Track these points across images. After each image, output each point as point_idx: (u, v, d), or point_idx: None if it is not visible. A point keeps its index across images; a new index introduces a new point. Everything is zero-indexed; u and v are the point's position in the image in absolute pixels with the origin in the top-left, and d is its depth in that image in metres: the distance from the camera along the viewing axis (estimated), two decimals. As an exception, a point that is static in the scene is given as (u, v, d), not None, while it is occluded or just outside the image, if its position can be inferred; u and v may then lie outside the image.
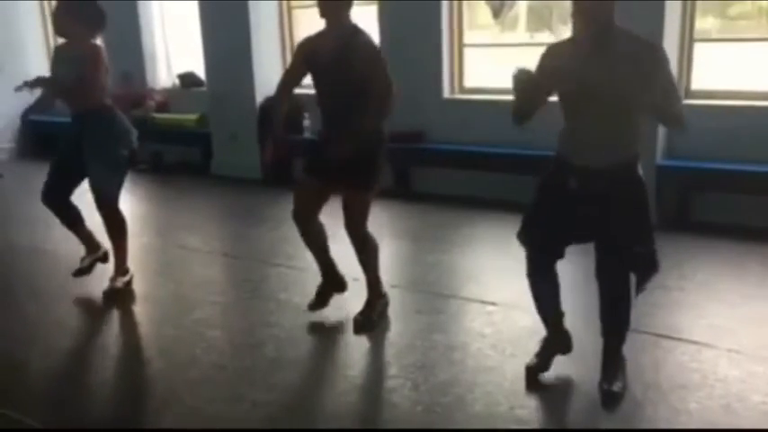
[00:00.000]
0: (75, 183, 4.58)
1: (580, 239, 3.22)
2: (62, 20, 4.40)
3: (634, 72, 2.90)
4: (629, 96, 2.95)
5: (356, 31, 3.85)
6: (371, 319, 4.10)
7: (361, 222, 3.98)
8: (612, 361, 3.30)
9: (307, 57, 3.96)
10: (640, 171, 3.12)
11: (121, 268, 4.70)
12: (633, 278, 3.18)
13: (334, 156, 3.78)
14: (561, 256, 3.29)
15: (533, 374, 3.43)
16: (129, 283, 4.71)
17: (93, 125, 4.42)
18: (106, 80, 4.44)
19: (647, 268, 3.15)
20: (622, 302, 3.20)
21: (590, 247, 3.20)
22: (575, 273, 3.56)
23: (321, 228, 4.11)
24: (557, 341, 3.50)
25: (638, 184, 3.10)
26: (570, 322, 3.53)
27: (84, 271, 4.78)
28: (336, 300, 4.42)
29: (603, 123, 3.00)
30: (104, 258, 4.87)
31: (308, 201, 4.02)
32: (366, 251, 4.05)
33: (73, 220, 4.71)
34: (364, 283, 4.15)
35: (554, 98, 3.22)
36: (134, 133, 4.57)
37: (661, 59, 2.98)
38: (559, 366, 3.53)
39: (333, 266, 4.24)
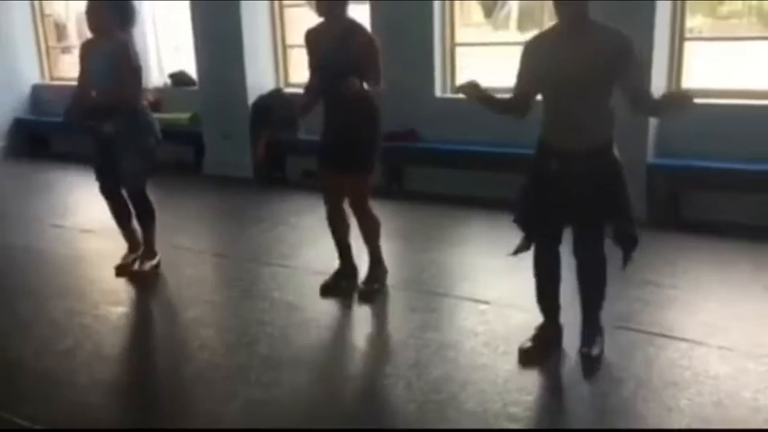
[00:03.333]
0: (118, 173, 4.75)
1: (568, 219, 3.41)
2: (95, 15, 4.49)
3: (605, 59, 3.18)
4: (601, 81, 3.23)
5: (356, 27, 4.10)
6: (374, 289, 4.41)
7: (363, 201, 4.29)
8: (591, 328, 3.55)
9: (311, 46, 4.21)
10: (616, 152, 3.33)
11: (150, 253, 4.88)
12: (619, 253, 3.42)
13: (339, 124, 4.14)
14: (558, 238, 3.48)
15: (526, 357, 3.56)
16: (157, 266, 4.91)
17: (123, 120, 4.54)
18: (139, 75, 4.60)
19: (629, 242, 3.38)
20: (599, 275, 3.47)
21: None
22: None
23: (345, 217, 4.42)
24: (550, 331, 3.65)
25: (614, 164, 3.32)
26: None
27: (124, 268, 4.90)
28: (330, 300, 4.44)
29: (580, 109, 3.26)
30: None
31: (331, 189, 4.33)
32: (368, 226, 4.36)
33: (123, 215, 4.89)
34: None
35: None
36: (157, 124, 4.78)
37: (631, 48, 3.23)
38: (552, 365, 3.55)
39: (351, 255, 4.53)
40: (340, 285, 4.50)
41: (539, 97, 3.45)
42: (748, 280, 4.56)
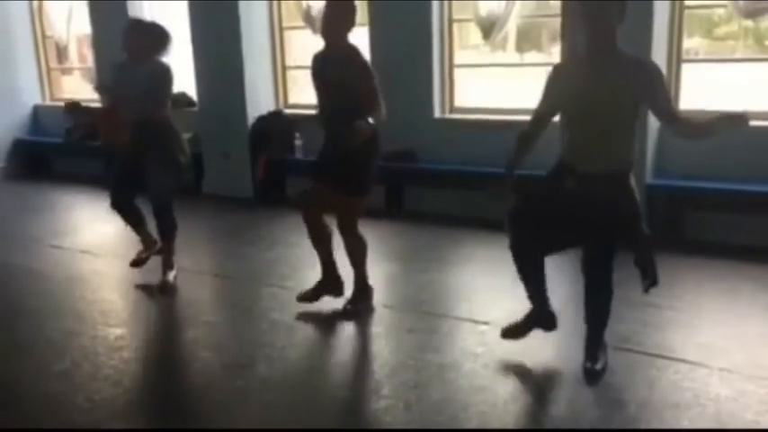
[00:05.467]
0: (138, 188, 4.96)
1: (566, 242, 3.49)
2: (135, 40, 4.80)
3: (631, 86, 3.27)
4: (627, 107, 3.31)
5: (356, 52, 4.17)
6: (358, 308, 4.47)
7: (352, 224, 4.33)
8: (595, 344, 3.60)
9: (315, 71, 4.29)
10: (632, 180, 3.43)
11: (170, 264, 5.07)
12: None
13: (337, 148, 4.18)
14: (551, 251, 3.55)
15: (507, 335, 3.80)
16: (175, 277, 5.10)
17: (155, 135, 4.78)
18: (170, 96, 4.96)
19: (650, 272, 3.44)
20: (605, 293, 3.52)
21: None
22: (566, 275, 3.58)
23: (327, 230, 4.39)
24: (540, 317, 3.74)
25: (629, 189, 3.40)
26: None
27: (140, 262, 5.20)
28: (328, 320, 4.43)
29: (603, 136, 3.34)
30: (160, 251, 5.17)
31: (315, 202, 4.35)
32: (356, 249, 4.39)
33: (136, 220, 5.11)
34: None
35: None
36: (187, 144, 5.03)
37: (658, 73, 3.37)
38: (554, 386, 3.54)
39: (334, 267, 4.50)
40: (319, 296, 4.54)
41: (556, 118, 3.55)
42: (748, 301, 4.55)
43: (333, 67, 4.12)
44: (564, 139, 3.49)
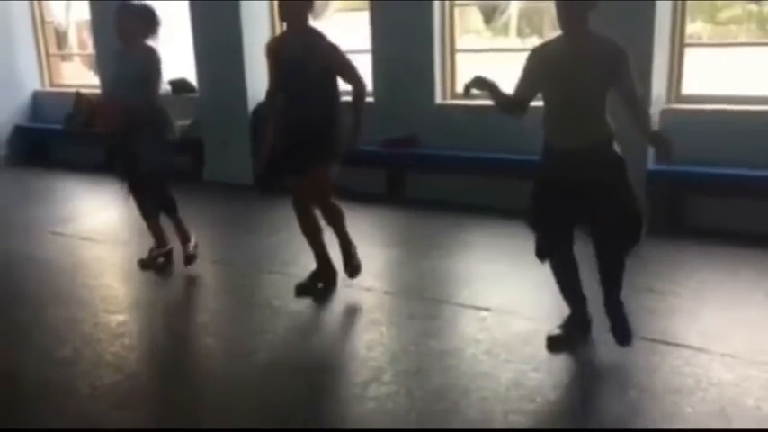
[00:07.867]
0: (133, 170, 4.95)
1: (578, 216, 3.55)
2: (125, 24, 4.79)
3: (602, 68, 3.39)
4: (598, 87, 3.44)
5: (319, 35, 4.21)
6: (351, 271, 4.61)
7: (325, 195, 4.40)
8: (616, 308, 3.65)
9: (274, 55, 4.32)
10: (616, 148, 3.51)
11: (186, 237, 5.15)
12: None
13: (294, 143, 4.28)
14: (570, 235, 3.62)
15: (555, 344, 3.72)
16: (196, 246, 5.16)
17: (144, 117, 4.78)
18: (160, 79, 4.94)
19: (633, 230, 3.53)
20: (619, 261, 3.60)
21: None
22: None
23: (316, 221, 4.47)
24: (578, 321, 3.77)
25: (615, 157, 3.50)
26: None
27: (148, 263, 5.14)
28: (329, 307, 4.43)
29: (577, 111, 3.46)
30: (169, 254, 5.22)
31: (294, 193, 4.42)
32: (334, 220, 4.49)
33: (150, 212, 5.12)
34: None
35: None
36: (176, 124, 5.12)
37: (626, 58, 3.41)
38: (555, 372, 3.54)
39: (326, 256, 4.59)
40: (315, 286, 4.59)
41: (537, 102, 3.59)
42: (750, 287, 4.54)
43: (296, 48, 4.15)
44: (544, 119, 3.58)
